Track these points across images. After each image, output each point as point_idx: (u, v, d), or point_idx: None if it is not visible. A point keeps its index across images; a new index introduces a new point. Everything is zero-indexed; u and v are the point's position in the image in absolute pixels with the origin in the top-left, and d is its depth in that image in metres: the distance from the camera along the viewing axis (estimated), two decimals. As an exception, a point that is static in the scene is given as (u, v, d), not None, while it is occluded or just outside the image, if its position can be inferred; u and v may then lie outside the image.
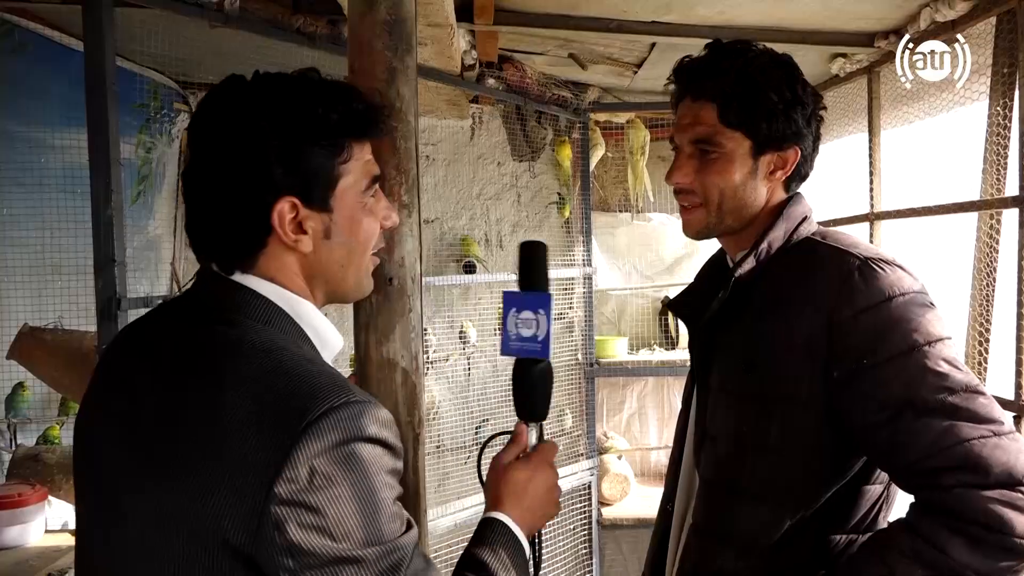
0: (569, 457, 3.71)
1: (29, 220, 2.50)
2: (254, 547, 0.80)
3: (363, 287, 1.03)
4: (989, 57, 2.33)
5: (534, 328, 1.08)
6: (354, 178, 0.95)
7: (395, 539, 0.85)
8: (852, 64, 3.01)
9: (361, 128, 0.96)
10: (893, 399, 1.04)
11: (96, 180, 1.86)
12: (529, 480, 1.07)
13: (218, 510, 0.80)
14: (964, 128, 2.54)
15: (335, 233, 0.95)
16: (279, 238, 0.91)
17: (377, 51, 1.12)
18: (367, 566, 0.82)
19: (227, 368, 0.86)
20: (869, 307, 1.07)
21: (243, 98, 0.92)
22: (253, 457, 0.80)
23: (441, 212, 3.78)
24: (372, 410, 0.86)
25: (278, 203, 0.90)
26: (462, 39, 2.83)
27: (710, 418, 1.24)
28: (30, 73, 2.57)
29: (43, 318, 2.33)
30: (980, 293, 2.41)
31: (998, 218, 2.36)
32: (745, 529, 1.17)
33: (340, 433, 0.82)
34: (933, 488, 1.01)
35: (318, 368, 0.88)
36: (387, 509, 0.85)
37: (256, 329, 0.90)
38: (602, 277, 3.97)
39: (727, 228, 1.25)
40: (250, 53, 2.52)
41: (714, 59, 1.23)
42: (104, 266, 1.85)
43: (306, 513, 0.79)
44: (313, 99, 0.92)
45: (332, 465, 0.81)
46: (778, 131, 1.19)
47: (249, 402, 0.83)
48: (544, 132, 3.82)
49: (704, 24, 2.69)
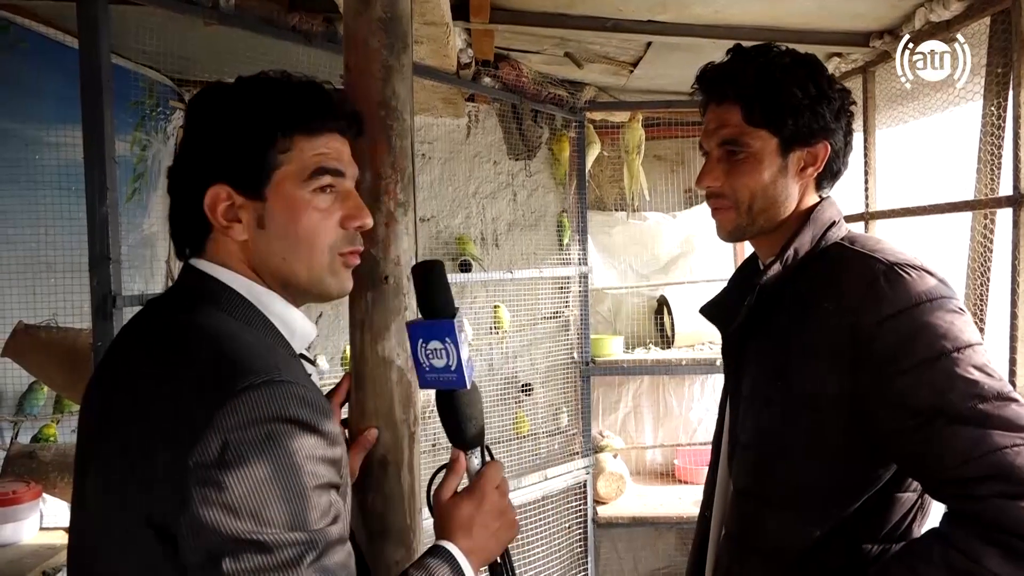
0: (565, 456, 3.72)
1: (23, 217, 2.49)
2: (172, 524, 0.79)
3: (325, 285, 1.00)
4: (983, 57, 2.34)
5: (445, 358, 0.99)
6: (294, 169, 0.96)
7: (307, 528, 0.81)
8: (847, 64, 3.02)
9: (302, 119, 0.97)
10: (922, 407, 1.01)
11: (91, 177, 1.85)
12: (474, 512, 1.01)
13: (144, 487, 0.82)
14: (958, 128, 2.55)
15: (270, 223, 0.96)
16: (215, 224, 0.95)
17: (373, 49, 1.13)
18: (270, 550, 0.78)
19: (170, 351, 0.89)
20: (895, 313, 1.05)
21: (206, 97, 0.98)
22: (172, 432, 0.81)
23: (437, 210, 3.78)
24: (299, 392, 0.84)
25: (210, 189, 0.94)
26: (458, 37, 2.83)
27: (741, 425, 1.24)
28: (24, 70, 2.56)
29: (37, 316, 2.33)
30: (974, 293, 2.42)
31: (992, 218, 2.37)
32: (774, 537, 1.16)
33: (259, 411, 0.81)
34: (966, 498, 0.99)
35: (255, 351, 0.87)
36: (304, 495, 0.81)
37: (209, 314, 0.93)
38: (598, 276, 3.97)
39: (760, 229, 1.24)
40: (246, 51, 2.52)
41: (735, 62, 1.24)
42: (99, 264, 1.85)
43: (212, 489, 0.78)
44: (256, 93, 0.97)
45: (246, 442, 0.79)
46: (805, 127, 1.19)
47: (177, 380, 0.85)
48: (540, 131, 3.82)
49: (699, 23, 2.69)
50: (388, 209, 1.14)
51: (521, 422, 3.64)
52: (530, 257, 3.83)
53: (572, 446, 3.75)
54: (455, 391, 1.01)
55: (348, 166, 1.01)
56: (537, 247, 3.85)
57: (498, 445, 3.52)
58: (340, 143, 1.00)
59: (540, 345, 3.76)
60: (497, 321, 3.61)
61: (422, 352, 1.00)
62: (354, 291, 1.17)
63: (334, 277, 1.01)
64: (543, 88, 3.50)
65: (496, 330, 3.63)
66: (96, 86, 1.85)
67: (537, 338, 3.76)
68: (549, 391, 3.75)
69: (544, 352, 3.76)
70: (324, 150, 0.98)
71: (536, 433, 3.70)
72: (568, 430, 3.77)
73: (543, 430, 3.73)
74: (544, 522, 3.48)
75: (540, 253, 3.83)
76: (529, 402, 3.73)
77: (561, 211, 3.87)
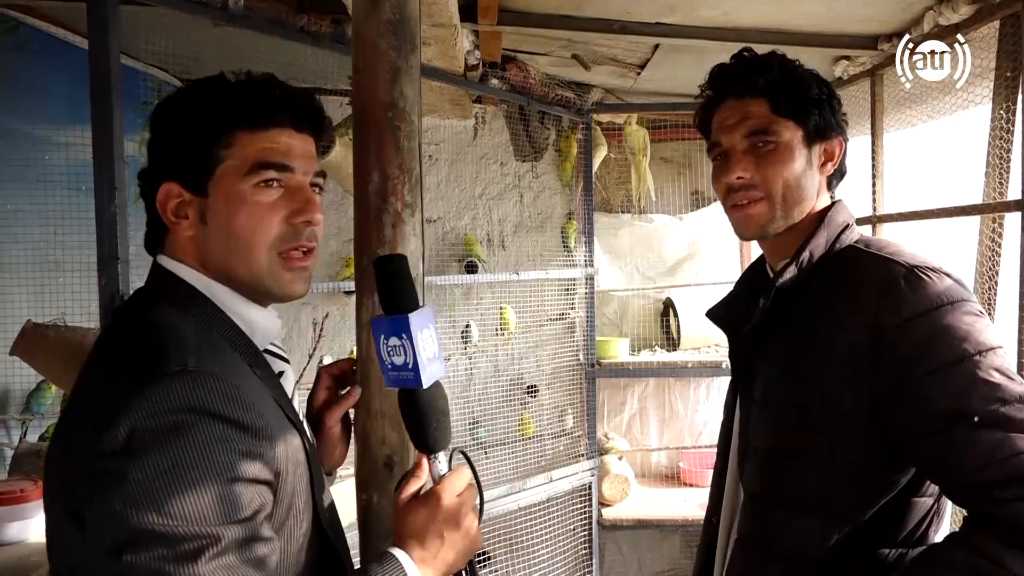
0: (570, 457, 3.72)
1: (32, 217, 2.51)
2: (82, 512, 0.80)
3: (266, 286, 0.99)
4: (992, 61, 2.33)
5: (403, 355, 0.94)
6: (234, 164, 0.96)
7: (211, 522, 0.78)
8: (855, 67, 3.01)
9: (245, 116, 0.97)
10: (943, 410, 1.01)
11: (100, 177, 1.86)
12: (428, 520, 0.94)
13: (68, 477, 0.83)
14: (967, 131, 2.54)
15: (211, 219, 0.96)
16: (165, 220, 0.97)
17: (381, 51, 1.13)
18: (170, 543, 0.76)
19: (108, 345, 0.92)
20: (916, 316, 1.04)
21: (166, 100, 1.01)
22: (91, 421, 0.81)
23: (443, 212, 3.79)
24: (216, 384, 0.83)
25: (162, 186, 0.97)
26: (466, 39, 2.83)
27: (753, 429, 1.22)
28: (34, 70, 2.58)
29: (46, 314, 2.33)
30: (982, 297, 2.41)
31: (1000, 222, 2.36)
32: (792, 543, 1.14)
33: (169, 400, 0.80)
34: (987, 501, 0.98)
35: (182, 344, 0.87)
36: (211, 487, 0.79)
37: (161, 308, 0.94)
38: (604, 278, 3.97)
39: (786, 224, 1.23)
40: (253, 51, 2.53)
41: (753, 59, 1.25)
42: (107, 263, 1.86)
43: (116, 477, 0.77)
44: (202, 92, 0.98)
45: (153, 431, 0.78)
46: (825, 121, 1.22)
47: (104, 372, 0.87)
48: (547, 132, 3.82)
49: (707, 26, 2.69)
50: (396, 210, 1.14)
51: (526, 424, 3.64)
52: (536, 258, 3.83)
53: (577, 448, 3.75)
54: (416, 391, 0.96)
55: (299, 160, 0.99)
56: (543, 248, 3.85)
57: (503, 447, 3.53)
58: (292, 138, 0.99)
59: (546, 347, 3.76)
60: (503, 322, 3.62)
61: (385, 349, 0.97)
62: (361, 292, 1.17)
63: (274, 279, 0.98)
64: (550, 90, 3.50)
65: (502, 331, 3.63)
66: (105, 86, 1.86)
67: (543, 340, 3.76)
68: (555, 393, 3.75)
69: (550, 354, 3.76)
70: (268, 144, 0.97)
71: (541, 435, 3.70)
72: (573, 432, 3.76)
73: (548, 432, 3.73)
74: (549, 524, 3.48)
75: (546, 255, 3.84)
76: (534, 404, 3.73)
77: (567, 218, 3.86)
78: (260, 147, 0.96)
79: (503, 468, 3.44)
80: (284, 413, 0.96)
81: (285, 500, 0.91)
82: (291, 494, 0.92)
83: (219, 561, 0.78)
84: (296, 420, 0.99)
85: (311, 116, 1.02)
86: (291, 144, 0.99)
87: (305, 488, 0.96)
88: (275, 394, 0.97)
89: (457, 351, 3.61)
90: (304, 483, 0.96)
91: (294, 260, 0.99)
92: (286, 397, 1.02)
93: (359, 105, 1.16)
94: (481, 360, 3.68)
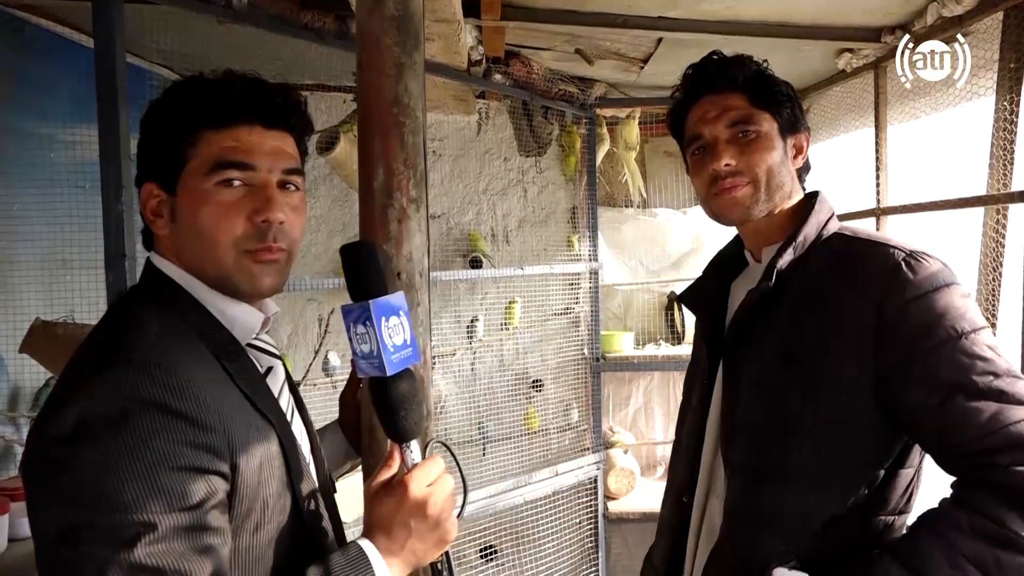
0: (575, 451, 3.73)
1: (38, 215, 2.52)
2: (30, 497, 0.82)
3: (234, 283, 0.99)
4: (996, 52, 2.33)
5: (369, 342, 0.93)
6: (198, 163, 0.97)
7: (146, 510, 0.79)
8: (859, 59, 3.01)
9: (209, 114, 0.98)
10: (944, 383, 1.08)
11: (107, 175, 1.87)
12: (395, 510, 0.93)
13: (27, 459, 0.85)
14: (971, 123, 2.54)
15: (179, 217, 0.98)
16: (145, 219, 1.01)
17: (385, 47, 1.13)
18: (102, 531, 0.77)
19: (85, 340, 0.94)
20: (919, 296, 1.12)
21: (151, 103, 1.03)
22: (48, 405, 0.85)
23: (447, 207, 3.80)
24: (161, 375, 0.84)
25: (144, 186, 1.00)
26: (469, 35, 2.83)
27: (744, 409, 1.26)
28: (39, 69, 2.59)
29: (54, 312, 2.35)
30: (986, 288, 2.41)
31: (1004, 213, 2.36)
32: (789, 515, 1.19)
33: (115, 390, 0.82)
34: (988, 467, 1.05)
35: (142, 336, 0.89)
36: (152, 476, 0.80)
37: (140, 303, 0.97)
38: (608, 272, 3.98)
39: (769, 208, 1.30)
40: (258, 49, 2.53)
41: (730, 58, 1.35)
42: (114, 260, 1.87)
43: (59, 465, 0.79)
44: (174, 93, 1.01)
45: (97, 419, 0.80)
46: (795, 116, 1.32)
47: (71, 360, 0.90)
48: (550, 127, 3.82)
49: (711, 19, 2.69)
50: (400, 205, 1.14)
51: (532, 418, 3.65)
52: (540, 253, 3.84)
53: (583, 442, 3.76)
54: (382, 379, 0.95)
55: (265, 158, 0.99)
56: (547, 243, 3.86)
57: (508, 441, 3.54)
58: (260, 135, 0.99)
59: (551, 341, 3.77)
60: (509, 316, 3.63)
61: (353, 336, 0.95)
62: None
63: (242, 274, 0.98)
64: (553, 85, 3.50)
65: (507, 325, 3.64)
66: (111, 85, 1.87)
67: (548, 334, 3.77)
68: (560, 387, 3.76)
69: (555, 348, 3.77)
70: (231, 143, 0.97)
71: (547, 429, 3.71)
72: (579, 426, 3.77)
73: (554, 426, 3.74)
74: (555, 518, 3.49)
75: (550, 249, 3.84)
76: (540, 398, 3.74)
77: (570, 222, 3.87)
78: (222, 146, 0.97)
79: (509, 462, 3.46)
80: (254, 407, 0.95)
81: (248, 492, 0.90)
82: (256, 485, 0.91)
83: (156, 547, 0.78)
84: (272, 414, 0.98)
85: (281, 112, 1.02)
86: (255, 141, 0.99)
87: (279, 480, 0.95)
88: (248, 388, 0.96)
89: (462, 346, 3.62)
90: (278, 476, 0.95)
91: (260, 256, 0.99)
92: (265, 391, 1.01)
93: (364, 101, 1.17)
94: (486, 355, 3.69)
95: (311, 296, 3.55)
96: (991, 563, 1.02)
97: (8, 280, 2.45)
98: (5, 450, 2.50)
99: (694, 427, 1.39)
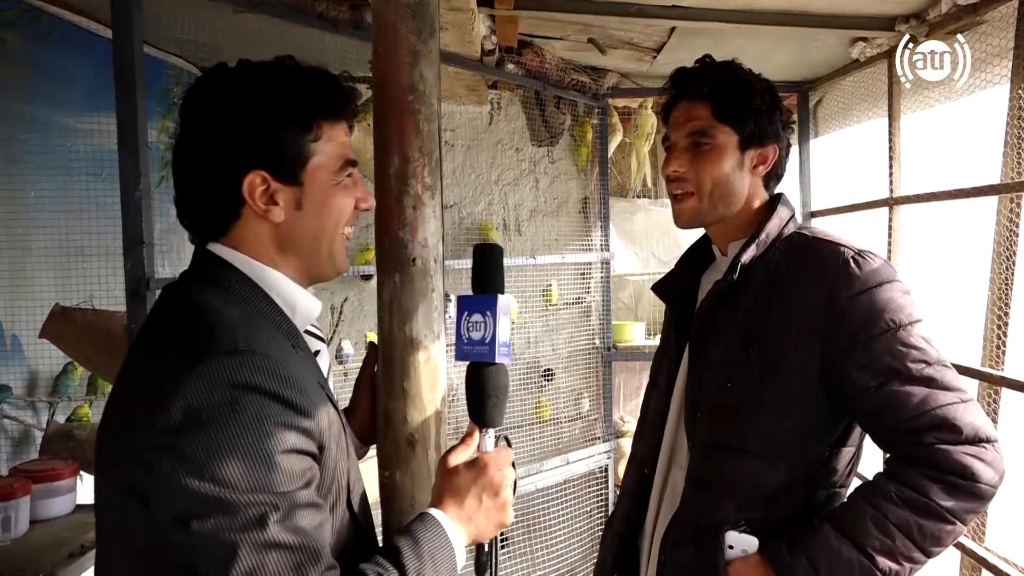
0: (586, 440, 3.74)
1: (55, 203, 2.55)
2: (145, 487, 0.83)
3: (337, 262, 1.07)
4: (1011, 40, 2.31)
5: (483, 331, 1.06)
6: (326, 158, 1.02)
7: (270, 489, 0.83)
8: (873, 48, 2.99)
9: (329, 109, 1.02)
10: (883, 368, 1.21)
11: (125, 163, 1.89)
12: (471, 483, 1.02)
13: (125, 455, 0.86)
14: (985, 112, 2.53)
15: (307, 205, 1.01)
16: (251, 208, 0.99)
17: (401, 34, 1.14)
18: (234, 511, 0.81)
19: (158, 328, 0.96)
20: (863, 290, 1.24)
21: (222, 82, 1.00)
22: (146, 400, 0.85)
23: (460, 197, 3.80)
24: (265, 363, 0.87)
25: (248, 175, 0.97)
26: (482, 24, 2.84)
27: (707, 389, 1.37)
28: (56, 59, 2.61)
29: (71, 299, 2.38)
30: (999, 276, 2.40)
31: (1018, 202, 2.35)
32: (746, 482, 1.31)
33: (223, 378, 0.84)
34: (915, 444, 1.19)
35: (231, 324, 0.91)
36: (267, 458, 0.83)
37: (206, 291, 0.97)
38: (619, 262, 3.98)
39: (716, 216, 1.42)
40: (272, 38, 2.55)
41: (707, 67, 1.44)
42: (133, 247, 1.89)
43: (176, 453, 0.81)
44: (283, 82, 1.00)
45: (209, 407, 0.82)
46: (761, 129, 1.39)
47: (155, 353, 0.92)
48: (563, 117, 3.82)
49: (724, 8, 2.68)
50: (416, 192, 1.15)
51: (543, 407, 3.67)
52: (552, 243, 3.85)
53: (593, 431, 3.78)
54: (485, 366, 1.06)
55: None
56: (559, 233, 3.87)
57: (520, 430, 3.56)
58: (347, 132, 1.07)
59: (562, 331, 3.79)
60: (547, 297, 3.70)
61: (465, 324, 1.07)
62: (382, 273, 1.19)
63: (344, 255, 1.08)
64: (566, 74, 3.50)
65: (546, 305, 3.72)
66: (129, 73, 1.88)
67: (559, 324, 3.78)
68: (571, 376, 3.78)
69: (566, 338, 3.78)
70: (345, 139, 1.05)
71: (558, 418, 3.73)
72: (589, 415, 3.79)
73: (565, 415, 3.76)
74: (565, 506, 3.51)
75: (562, 239, 3.85)
76: (551, 387, 3.76)
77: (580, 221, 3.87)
78: (342, 142, 1.04)
79: (520, 451, 3.48)
80: (323, 390, 1.00)
81: (328, 473, 0.95)
82: (333, 468, 0.96)
83: (284, 524, 0.82)
84: (332, 398, 1.03)
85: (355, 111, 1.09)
86: (350, 138, 1.07)
87: (344, 461, 1.01)
88: (315, 373, 1.01)
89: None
90: (344, 457, 1.01)
91: (347, 240, 1.09)
92: (323, 375, 1.06)
93: (379, 88, 1.17)
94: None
95: (324, 286, 3.57)
96: (915, 529, 1.17)
97: (26, 267, 2.49)
98: (24, 434, 2.54)
99: (660, 405, 1.50)
